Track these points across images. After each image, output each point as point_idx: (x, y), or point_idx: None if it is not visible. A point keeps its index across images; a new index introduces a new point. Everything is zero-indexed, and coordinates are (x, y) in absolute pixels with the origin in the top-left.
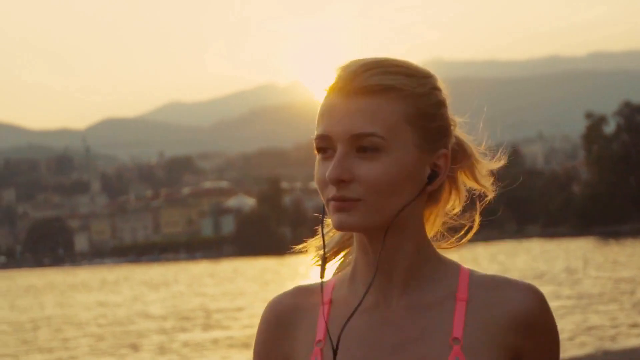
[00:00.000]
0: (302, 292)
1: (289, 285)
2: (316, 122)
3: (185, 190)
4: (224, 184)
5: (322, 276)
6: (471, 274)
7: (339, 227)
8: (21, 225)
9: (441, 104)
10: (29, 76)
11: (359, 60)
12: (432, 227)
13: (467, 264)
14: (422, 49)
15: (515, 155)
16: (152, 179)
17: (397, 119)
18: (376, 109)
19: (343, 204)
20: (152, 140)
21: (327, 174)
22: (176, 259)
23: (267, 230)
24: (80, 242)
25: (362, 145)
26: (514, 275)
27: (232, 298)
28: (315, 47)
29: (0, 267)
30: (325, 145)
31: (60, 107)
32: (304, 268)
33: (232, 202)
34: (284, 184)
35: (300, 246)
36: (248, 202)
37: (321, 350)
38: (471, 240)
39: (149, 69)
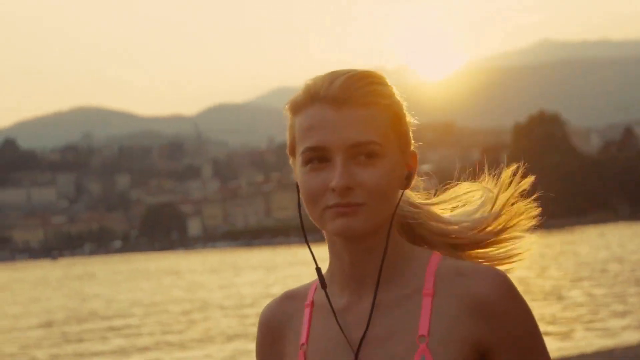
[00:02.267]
0: (288, 298)
1: None
2: (299, 134)
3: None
4: None
5: (323, 286)
6: (439, 265)
7: (343, 231)
8: (135, 211)
9: (403, 106)
10: (142, 63)
11: (337, 72)
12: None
13: (579, 247)
14: (525, 30)
15: (628, 137)
16: (263, 164)
17: (386, 125)
18: (370, 118)
19: (347, 209)
20: (261, 125)
21: (334, 183)
22: (288, 242)
23: None
24: (193, 227)
25: (361, 153)
26: (629, 258)
27: None
28: (421, 31)
29: (116, 251)
30: (319, 155)
31: (172, 93)
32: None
33: None
34: None
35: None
36: None
37: (304, 353)
38: (582, 223)
39: (258, 55)
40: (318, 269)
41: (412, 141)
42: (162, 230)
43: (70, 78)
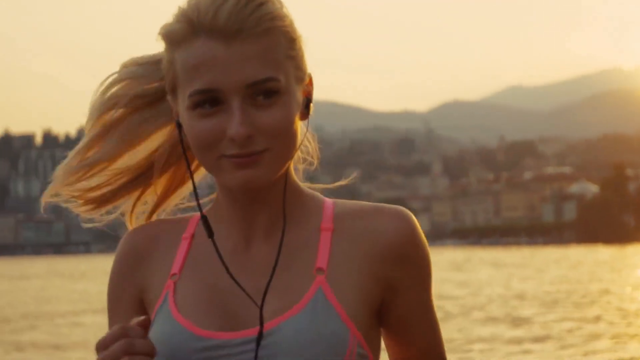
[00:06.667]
0: (163, 224)
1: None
2: (183, 73)
3: (527, 175)
4: (566, 169)
5: (210, 235)
6: (335, 204)
7: (246, 185)
8: None
9: (293, 21)
10: (374, 60)
11: None
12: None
13: None
14: None
15: None
16: (493, 163)
17: (282, 55)
18: (265, 50)
19: (249, 159)
20: (492, 123)
21: (232, 132)
22: (517, 243)
23: (609, 218)
24: (422, 223)
25: (259, 93)
26: None
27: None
28: None
29: None
30: (211, 98)
31: (404, 90)
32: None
33: (574, 188)
34: (628, 171)
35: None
36: (591, 188)
37: (174, 283)
38: None
39: (491, 53)
40: (204, 218)
41: (306, 62)
42: None
43: None
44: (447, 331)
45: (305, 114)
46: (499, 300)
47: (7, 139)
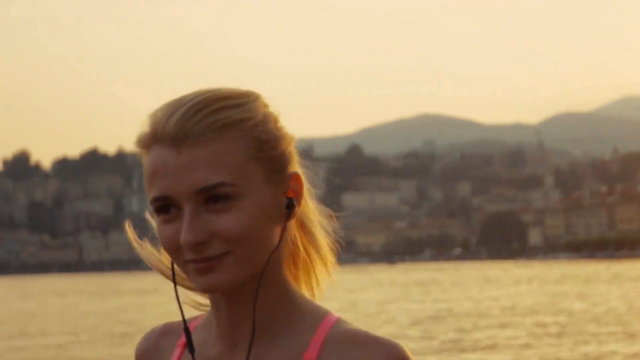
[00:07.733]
0: (165, 333)
1: None
2: (145, 179)
3: None
4: None
5: (190, 350)
6: (333, 327)
7: (207, 290)
8: (476, 218)
9: (276, 122)
10: (483, 72)
11: (179, 102)
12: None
13: None
14: None
15: None
16: (606, 175)
17: (241, 158)
18: (216, 154)
19: (207, 265)
20: (605, 135)
21: (181, 239)
22: (632, 256)
23: None
24: (534, 237)
25: (212, 198)
26: None
27: None
28: None
29: (456, 258)
30: (167, 205)
31: (514, 101)
32: None
33: None
34: None
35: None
36: None
37: None
38: None
39: (605, 62)
40: (186, 329)
41: (295, 158)
42: (502, 238)
43: (414, 87)
44: (572, 342)
45: (287, 215)
46: (620, 315)
47: (121, 156)
